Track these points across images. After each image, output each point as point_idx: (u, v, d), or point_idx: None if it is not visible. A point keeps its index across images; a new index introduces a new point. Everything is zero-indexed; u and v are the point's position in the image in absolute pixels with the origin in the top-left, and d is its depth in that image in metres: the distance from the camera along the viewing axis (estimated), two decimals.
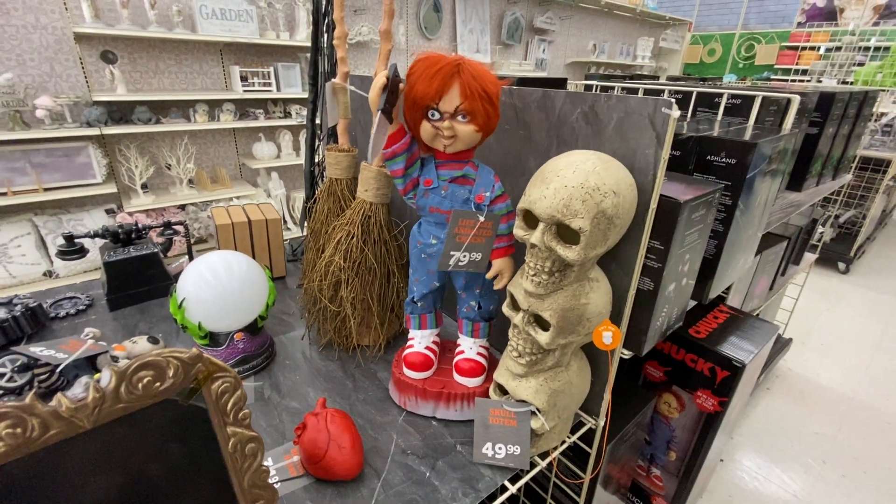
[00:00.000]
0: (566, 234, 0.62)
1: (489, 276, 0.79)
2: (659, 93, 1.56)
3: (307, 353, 1.02)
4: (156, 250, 1.16)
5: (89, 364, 0.85)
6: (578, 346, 0.77)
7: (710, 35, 7.22)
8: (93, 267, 2.55)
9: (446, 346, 0.94)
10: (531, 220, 0.64)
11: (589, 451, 0.92)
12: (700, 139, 0.91)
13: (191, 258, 1.29)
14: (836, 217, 3.62)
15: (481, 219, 0.73)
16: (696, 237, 0.78)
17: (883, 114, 3.55)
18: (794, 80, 5.93)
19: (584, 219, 0.58)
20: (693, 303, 0.96)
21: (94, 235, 1.13)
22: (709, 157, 0.90)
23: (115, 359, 0.85)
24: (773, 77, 6.41)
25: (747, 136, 0.92)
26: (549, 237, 0.61)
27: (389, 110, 0.70)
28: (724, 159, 0.88)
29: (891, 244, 4.21)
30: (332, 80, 1.05)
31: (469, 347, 0.88)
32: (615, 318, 0.75)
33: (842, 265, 3.55)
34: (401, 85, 0.71)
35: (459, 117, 0.68)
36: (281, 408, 0.86)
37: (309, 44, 1.28)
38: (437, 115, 0.69)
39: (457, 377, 0.86)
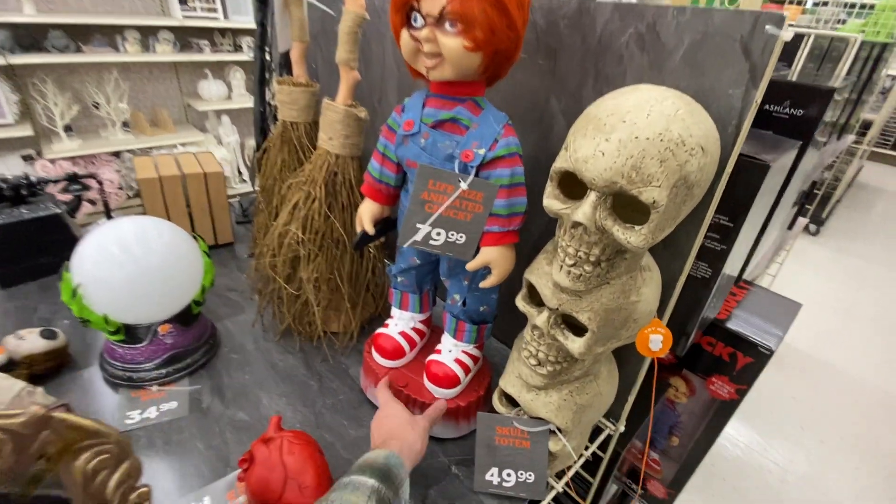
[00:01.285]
0: (625, 207, 0.43)
1: (471, 267, 0.57)
2: None
3: (260, 344, 0.82)
4: (58, 211, 0.90)
5: None
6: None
7: None
8: None
9: (437, 337, 0.75)
10: (573, 186, 0.45)
11: (602, 455, 0.78)
12: None
13: (109, 218, 1.03)
14: (824, 178, 3.60)
15: (463, 186, 0.52)
16: (761, 209, 0.61)
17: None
18: None
19: (660, 188, 0.39)
20: None
21: None
22: (766, 107, 0.72)
23: None
24: None
25: (815, 82, 0.74)
26: (603, 214, 0.42)
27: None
28: (787, 109, 0.70)
29: (857, 206, 4.29)
30: None
31: (448, 350, 0.69)
32: (657, 312, 0.58)
33: (813, 227, 3.57)
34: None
35: (447, 25, 0.46)
36: (224, 421, 0.67)
37: None
38: (419, 21, 0.47)
39: (426, 381, 0.68)
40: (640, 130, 0.39)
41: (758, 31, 0.44)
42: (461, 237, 0.55)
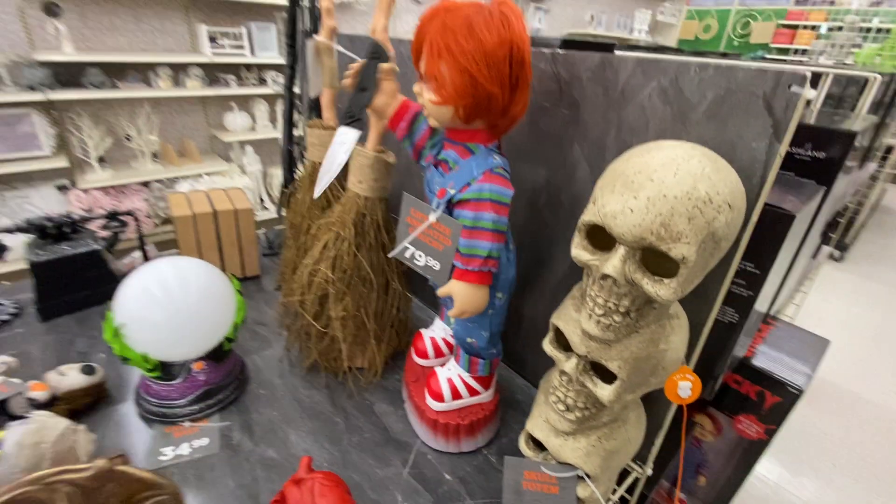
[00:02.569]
0: (652, 260, 0.44)
1: (439, 293, 0.61)
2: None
3: (287, 379, 0.84)
4: (97, 247, 0.94)
5: None
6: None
7: (706, 10, 7.00)
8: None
9: None
10: (601, 238, 0.46)
11: (629, 497, 0.77)
12: None
13: (144, 254, 1.07)
14: (846, 207, 3.55)
15: (432, 218, 0.58)
16: (787, 253, 0.61)
17: None
18: (790, 61, 5.79)
19: (689, 244, 0.40)
20: None
21: (17, 230, 0.90)
22: (789, 149, 0.73)
23: (32, 402, 0.66)
24: (767, 56, 6.26)
25: (825, 122, 0.75)
26: (632, 267, 0.43)
27: (358, 115, 0.59)
28: (810, 152, 0.71)
29: (881, 231, 4.19)
30: (315, 36, 0.83)
31: (448, 368, 0.73)
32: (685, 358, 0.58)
33: (836, 253, 3.50)
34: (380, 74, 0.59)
35: (428, 82, 0.53)
36: (254, 458, 0.68)
37: (287, 2, 1.04)
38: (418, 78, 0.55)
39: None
40: (668, 189, 0.40)
41: (780, 88, 0.46)
42: (436, 264, 0.60)
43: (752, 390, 0.94)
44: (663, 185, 0.40)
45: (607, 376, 0.52)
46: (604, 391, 0.51)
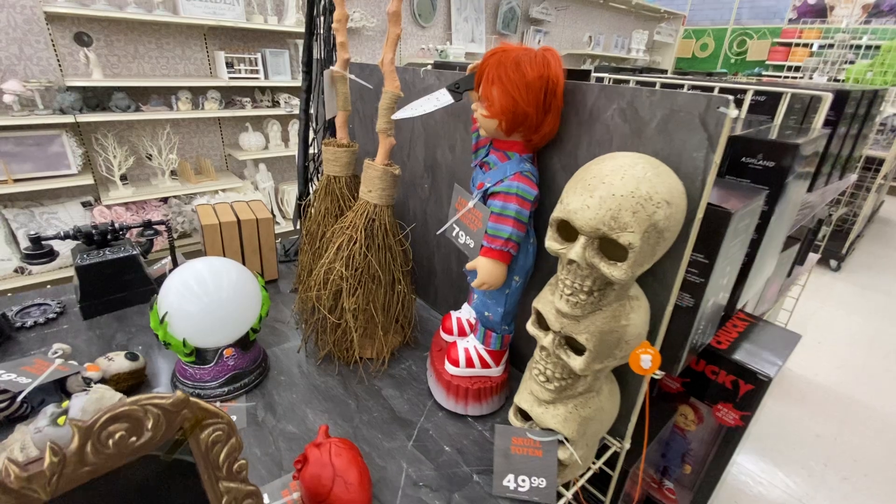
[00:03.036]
0: (610, 249, 0.54)
1: (468, 266, 0.74)
2: (678, 87, 1.49)
3: (304, 368, 0.94)
4: (134, 253, 1.05)
5: (58, 387, 0.76)
6: (611, 369, 0.70)
7: (702, 30, 7.19)
8: (68, 263, 2.40)
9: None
10: (568, 231, 0.56)
11: (611, 473, 0.85)
12: (734, 139, 0.84)
13: (174, 259, 1.19)
14: (829, 215, 3.63)
15: (470, 204, 0.73)
16: (737, 248, 0.71)
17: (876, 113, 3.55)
18: (786, 77, 5.93)
19: (634, 233, 0.50)
20: None
21: (66, 237, 1.02)
22: (744, 159, 0.83)
23: (87, 380, 0.76)
24: (764, 73, 6.42)
25: (780, 137, 0.85)
26: (591, 253, 0.53)
27: (462, 89, 0.72)
28: (761, 162, 0.81)
29: (878, 241, 4.25)
30: (331, 67, 0.96)
31: (467, 340, 0.85)
32: (649, 336, 0.68)
33: (833, 262, 3.56)
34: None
35: (483, 102, 0.68)
36: (276, 432, 0.78)
37: (298, 29, 1.17)
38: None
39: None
40: (616, 189, 0.50)
41: (711, 109, 0.56)
42: (471, 242, 0.74)
43: (728, 380, 1.03)
44: (612, 187, 0.51)
45: (579, 351, 0.61)
46: (576, 361, 0.60)
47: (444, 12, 3.95)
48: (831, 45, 5.38)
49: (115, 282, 1.05)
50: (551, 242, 0.58)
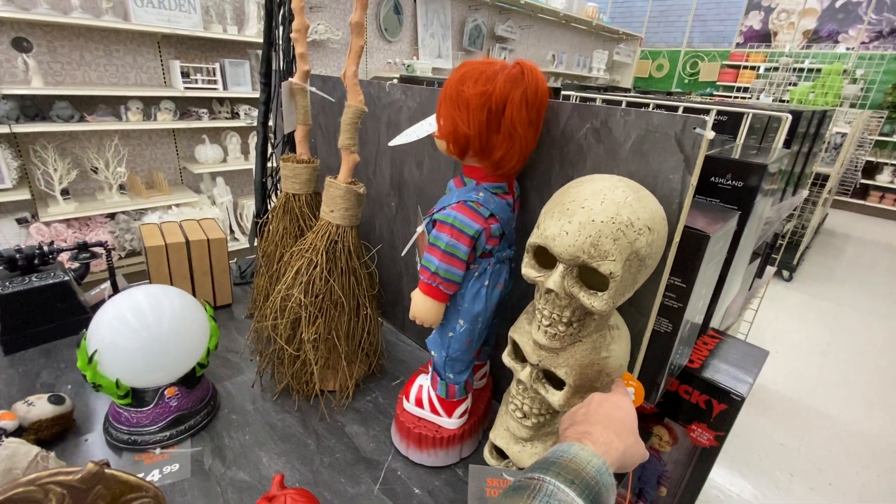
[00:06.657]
0: (589, 277, 0.51)
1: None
2: (644, 106, 1.51)
3: (258, 404, 0.85)
4: (66, 279, 0.94)
5: None
6: None
7: (658, 51, 7.54)
8: None
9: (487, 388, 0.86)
10: (545, 258, 0.53)
11: None
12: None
13: (113, 283, 1.08)
14: (784, 229, 3.81)
15: (419, 229, 0.68)
16: (713, 270, 0.69)
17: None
18: (735, 97, 6.27)
19: (615, 261, 0.47)
20: None
21: None
22: (713, 179, 0.83)
23: (2, 431, 0.66)
24: (715, 94, 6.77)
25: (744, 156, 0.86)
26: (570, 282, 0.49)
27: None
28: (730, 182, 0.81)
29: (825, 252, 4.50)
30: (290, 79, 0.90)
31: (428, 378, 0.77)
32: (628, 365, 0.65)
33: (786, 273, 3.73)
34: None
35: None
36: (226, 482, 0.69)
37: (259, 40, 1.11)
38: None
39: None
40: (596, 215, 0.47)
41: (687, 130, 0.54)
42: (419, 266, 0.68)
43: (701, 399, 1.02)
44: (592, 212, 0.47)
45: (559, 385, 0.57)
46: (555, 397, 0.56)
47: (410, 27, 3.95)
48: (776, 69, 5.74)
49: (43, 312, 0.94)
50: (528, 269, 0.54)
